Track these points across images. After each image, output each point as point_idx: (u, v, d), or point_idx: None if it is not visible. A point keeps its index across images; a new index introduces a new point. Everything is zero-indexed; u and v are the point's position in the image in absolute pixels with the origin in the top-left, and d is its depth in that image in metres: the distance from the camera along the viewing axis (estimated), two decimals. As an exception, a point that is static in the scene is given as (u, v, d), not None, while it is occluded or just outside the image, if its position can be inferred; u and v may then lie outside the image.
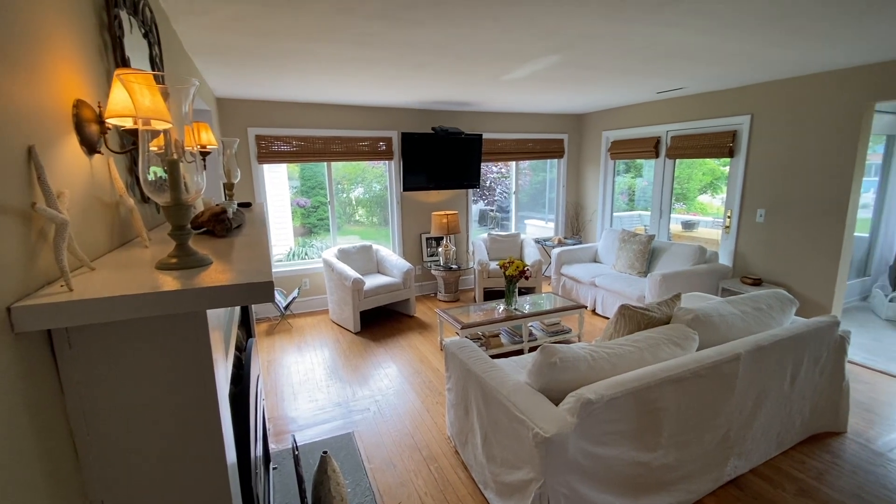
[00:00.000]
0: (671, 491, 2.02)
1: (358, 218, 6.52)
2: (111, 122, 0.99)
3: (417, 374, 3.51)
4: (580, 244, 5.73)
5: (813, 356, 2.39)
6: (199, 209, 1.55)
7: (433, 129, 5.22)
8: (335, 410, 3.01)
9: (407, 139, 5.06)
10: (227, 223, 1.26)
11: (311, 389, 3.31)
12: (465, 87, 3.95)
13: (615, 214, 6.01)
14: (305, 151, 4.79)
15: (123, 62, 1.27)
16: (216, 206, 1.37)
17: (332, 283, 4.57)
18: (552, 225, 6.59)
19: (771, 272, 4.07)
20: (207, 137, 1.79)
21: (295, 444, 1.94)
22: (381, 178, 5.74)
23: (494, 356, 3.56)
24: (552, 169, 6.49)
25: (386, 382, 3.38)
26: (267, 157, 4.64)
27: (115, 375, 0.76)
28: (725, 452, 2.17)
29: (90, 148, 0.99)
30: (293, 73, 3.29)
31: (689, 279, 4.05)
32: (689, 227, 6.71)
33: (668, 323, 2.32)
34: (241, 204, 2.18)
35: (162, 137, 0.84)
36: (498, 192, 7.67)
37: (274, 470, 2.39)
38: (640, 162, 5.88)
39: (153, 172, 0.85)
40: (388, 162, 5.33)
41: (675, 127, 4.85)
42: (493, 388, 2.00)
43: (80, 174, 0.94)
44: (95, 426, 0.76)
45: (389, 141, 5.18)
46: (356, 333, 4.40)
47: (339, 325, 4.66)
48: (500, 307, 3.97)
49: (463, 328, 3.55)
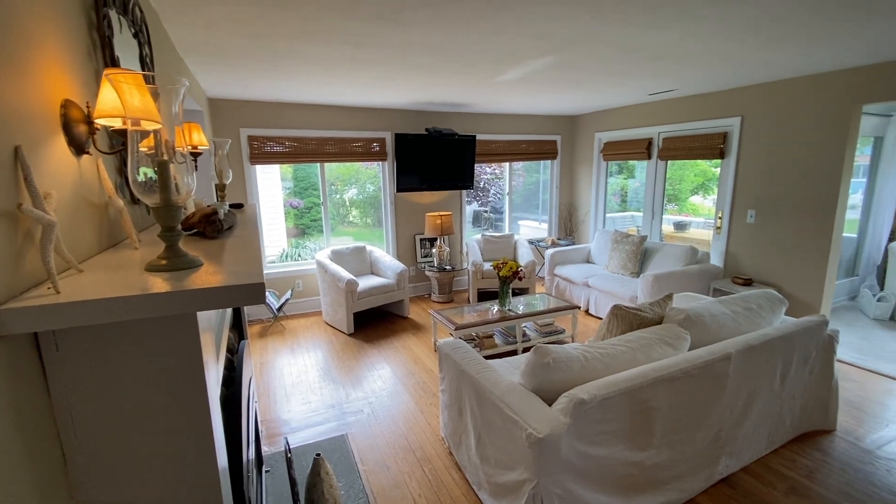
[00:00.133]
0: (664, 490, 2.03)
1: (351, 219, 6.51)
2: (100, 122, 0.98)
3: (411, 375, 3.50)
4: (573, 245, 5.75)
5: (802, 355, 2.42)
6: (190, 210, 1.54)
7: (427, 130, 5.22)
8: (328, 412, 3.00)
9: (401, 140, 5.05)
10: (218, 224, 1.25)
11: (304, 391, 3.29)
12: (458, 88, 3.96)
13: (608, 215, 6.05)
14: (298, 152, 4.77)
15: (113, 62, 1.26)
16: (207, 207, 1.36)
17: (325, 284, 4.55)
18: (546, 226, 6.61)
19: (761, 272, 4.11)
20: (198, 138, 1.78)
21: (288, 446, 1.93)
22: (374, 179, 5.73)
23: (488, 357, 3.56)
24: (545, 170, 6.51)
25: (380, 384, 3.37)
26: (259, 157, 4.62)
27: (103, 378, 0.75)
28: (717, 451, 2.18)
29: (78, 148, 0.98)
30: (286, 73, 3.28)
31: (680, 279, 4.08)
32: (680, 227, 6.76)
33: (660, 323, 2.34)
34: (232, 205, 2.16)
35: (152, 138, 0.83)
36: (492, 193, 7.69)
37: (266, 473, 2.37)
38: (632, 163, 5.92)
39: (143, 173, 0.84)
40: (381, 163, 5.33)
41: (666, 128, 4.89)
42: (486, 388, 2.01)
43: (67, 175, 0.93)
44: (83, 429, 0.75)
45: (383, 142, 5.18)
46: (350, 335, 4.39)
47: (332, 326, 4.64)
48: (493, 308, 3.98)
49: (457, 329, 3.55)
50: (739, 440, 2.26)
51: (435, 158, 5.30)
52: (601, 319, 4.20)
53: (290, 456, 1.83)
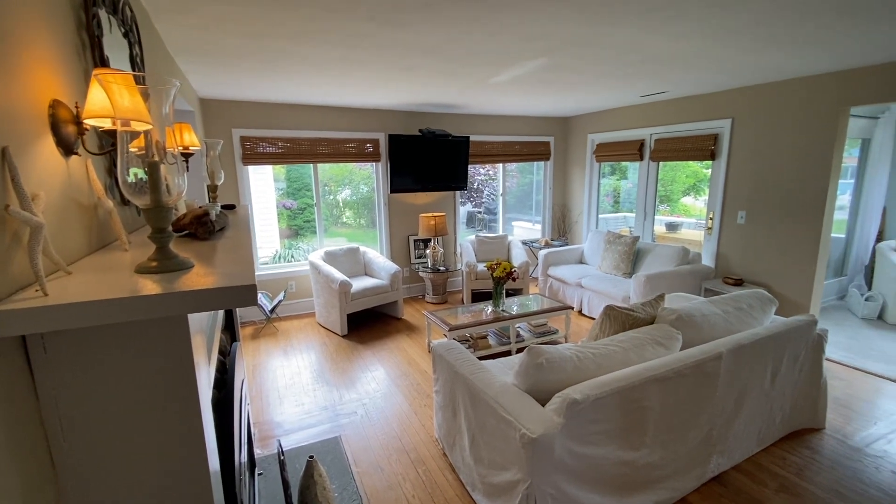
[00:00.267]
0: (656, 489, 2.04)
1: (345, 220, 6.49)
2: (89, 122, 0.97)
3: (405, 376, 3.49)
4: (566, 246, 5.78)
5: (792, 354, 2.45)
6: (181, 211, 1.53)
7: (420, 131, 5.22)
8: (322, 414, 2.99)
9: (394, 141, 5.05)
10: (209, 226, 1.24)
11: (297, 393, 3.27)
12: (452, 89, 3.96)
13: (601, 216, 6.08)
14: (291, 153, 4.75)
15: (102, 62, 1.25)
16: (199, 208, 1.35)
17: (318, 285, 4.53)
18: (539, 227, 6.63)
19: (751, 272, 4.16)
20: (190, 139, 1.77)
21: (281, 448, 1.92)
22: (368, 179, 5.72)
23: (482, 358, 3.57)
24: (539, 171, 6.54)
25: (373, 385, 3.36)
26: (252, 158, 4.59)
27: (92, 381, 0.74)
28: (708, 450, 2.20)
29: (67, 149, 0.97)
30: (279, 74, 3.26)
31: (672, 280, 4.11)
32: (672, 228, 6.82)
33: (652, 323, 2.35)
34: (224, 206, 2.15)
35: (142, 138, 0.83)
36: (485, 194, 7.71)
37: (259, 476, 2.36)
38: (624, 164, 5.96)
39: (133, 174, 0.83)
40: (375, 164, 5.32)
41: (658, 130, 4.93)
42: (480, 389, 2.01)
43: (56, 176, 0.92)
44: (72, 433, 0.74)
45: (376, 143, 5.17)
46: (343, 336, 4.37)
47: (325, 327, 4.62)
48: (487, 309, 3.99)
49: (451, 330, 3.55)
50: (730, 439, 2.28)
51: (428, 159, 5.30)
52: (594, 320, 4.22)
53: (282, 458, 1.82)
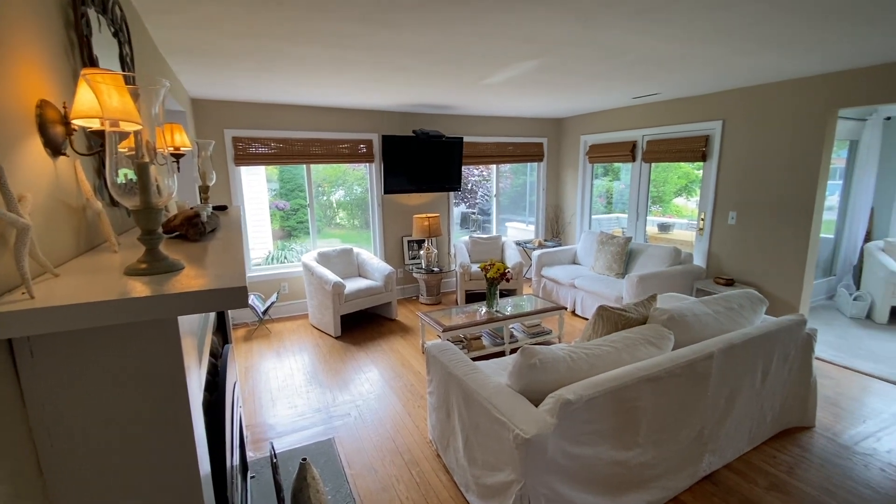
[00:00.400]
0: (649, 488, 2.05)
1: (339, 221, 6.47)
2: (77, 123, 0.96)
3: (399, 377, 3.49)
4: (560, 246, 5.80)
5: (782, 353, 2.47)
6: (171, 212, 1.52)
7: (414, 131, 5.21)
8: (315, 416, 2.97)
9: (388, 142, 5.04)
10: (200, 227, 1.23)
11: (290, 395, 3.25)
12: (445, 90, 3.97)
13: (594, 217, 6.11)
14: (284, 153, 4.73)
15: (91, 61, 1.23)
16: (190, 209, 1.34)
17: (311, 286, 4.51)
18: (533, 227, 6.65)
19: (742, 273, 4.20)
20: (181, 139, 1.75)
21: (273, 451, 1.91)
22: (361, 180, 5.71)
23: (476, 358, 3.57)
24: (532, 172, 6.56)
25: (367, 387, 3.35)
26: (244, 159, 4.56)
27: (80, 385, 0.73)
28: (700, 449, 2.22)
29: (55, 150, 0.95)
30: (271, 74, 3.25)
31: (664, 280, 4.14)
32: (664, 229, 6.87)
33: (644, 323, 2.37)
34: (216, 207, 2.13)
35: (132, 139, 0.82)
36: (479, 194, 7.72)
37: (252, 479, 2.34)
38: (617, 165, 6.00)
39: (123, 175, 0.82)
40: (368, 164, 5.30)
41: (650, 131, 4.97)
42: (473, 390, 2.01)
43: (43, 177, 0.91)
44: (59, 437, 0.73)
45: (370, 143, 5.16)
46: (337, 338, 4.35)
47: (319, 329, 4.60)
48: (481, 309, 3.99)
49: (445, 331, 3.55)
50: (722, 438, 2.30)
51: (422, 160, 5.30)
52: (587, 320, 4.24)
53: (275, 461, 1.81)
